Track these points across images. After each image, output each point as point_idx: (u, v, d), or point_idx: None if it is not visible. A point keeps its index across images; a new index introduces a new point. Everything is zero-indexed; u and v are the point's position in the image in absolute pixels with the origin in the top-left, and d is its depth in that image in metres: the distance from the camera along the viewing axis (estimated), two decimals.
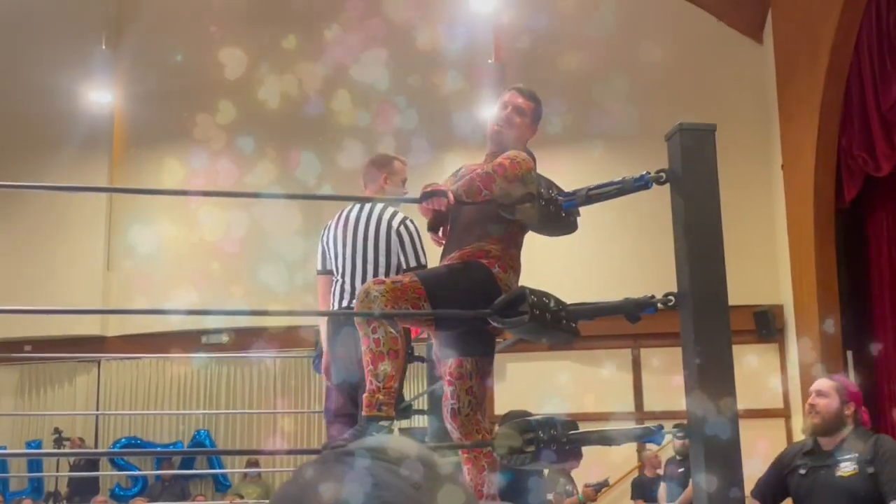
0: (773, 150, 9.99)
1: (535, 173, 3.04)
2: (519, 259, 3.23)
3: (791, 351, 9.76)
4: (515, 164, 3.06)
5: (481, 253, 3.14)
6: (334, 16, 11.50)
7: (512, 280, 3.13)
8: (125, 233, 11.58)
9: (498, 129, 3.38)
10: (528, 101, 3.43)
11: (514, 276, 3.17)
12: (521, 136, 3.39)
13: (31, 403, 11.40)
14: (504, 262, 3.14)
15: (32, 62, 11.64)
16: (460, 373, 3.14)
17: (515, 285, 3.11)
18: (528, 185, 2.81)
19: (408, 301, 2.91)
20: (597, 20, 10.84)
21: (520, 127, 3.38)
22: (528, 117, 3.42)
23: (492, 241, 3.16)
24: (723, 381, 2.38)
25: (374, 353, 2.92)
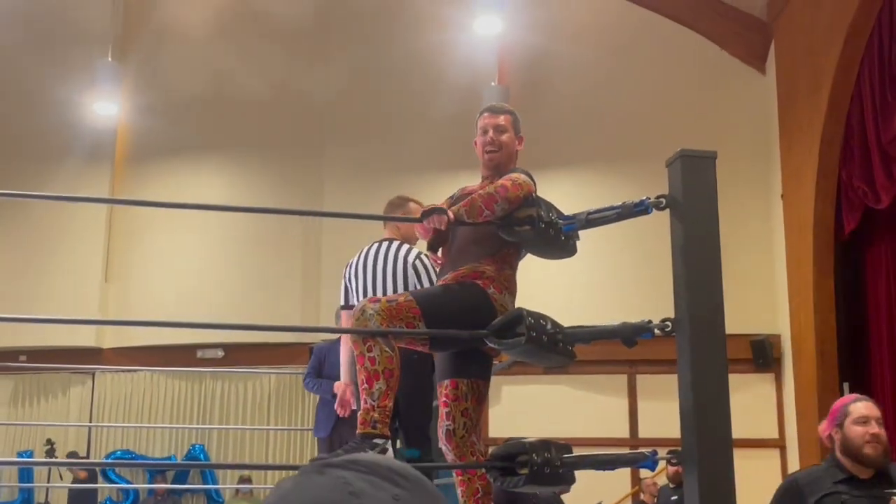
0: (773, 179, 10.01)
1: (535, 195, 3.05)
2: (514, 280, 3.23)
3: (787, 381, 9.74)
4: (517, 186, 3.06)
5: (476, 274, 3.14)
6: (339, 35, 11.56)
7: (507, 301, 3.12)
8: (124, 246, 11.58)
9: (488, 155, 3.40)
10: (504, 116, 3.45)
11: (510, 297, 3.16)
12: (510, 152, 3.41)
13: (25, 413, 11.36)
14: (499, 283, 3.14)
15: (38, 73, 11.68)
16: (456, 394, 3.14)
17: (511, 306, 3.10)
18: (529, 207, 2.81)
19: (403, 320, 2.91)
20: (600, 45, 10.90)
21: (507, 144, 3.40)
22: (511, 131, 3.43)
23: (486, 261, 3.16)
24: (718, 409, 2.38)
25: (368, 372, 2.91)
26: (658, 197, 2.53)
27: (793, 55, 9.48)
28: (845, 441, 3.40)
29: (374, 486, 0.74)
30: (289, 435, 11.03)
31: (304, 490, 0.74)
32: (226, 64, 11.65)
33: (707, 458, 2.35)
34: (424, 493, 0.76)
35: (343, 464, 0.76)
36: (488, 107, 3.54)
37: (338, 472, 0.75)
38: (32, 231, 11.50)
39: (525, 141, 3.50)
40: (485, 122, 3.46)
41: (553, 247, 2.86)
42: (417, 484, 0.76)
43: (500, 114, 3.46)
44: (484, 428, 10.56)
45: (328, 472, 0.75)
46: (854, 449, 3.38)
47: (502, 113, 3.47)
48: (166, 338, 10.64)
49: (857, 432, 3.36)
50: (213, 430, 11.13)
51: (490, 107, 3.53)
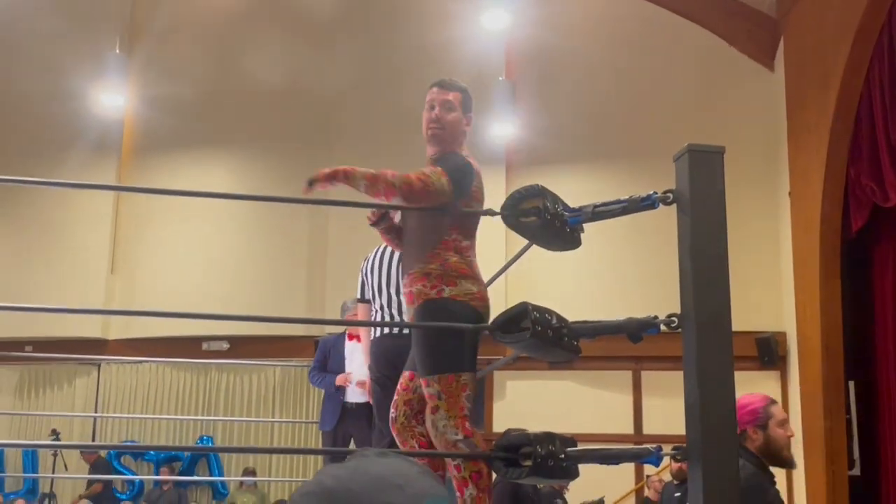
0: (780, 177, 9.98)
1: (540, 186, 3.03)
2: (466, 261, 3.18)
3: (793, 379, 9.72)
4: (425, 190, 3.01)
5: (423, 280, 3.14)
6: (347, 29, 11.55)
7: (465, 286, 3.13)
8: (130, 237, 11.60)
9: (431, 132, 3.30)
10: (454, 93, 3.35)
11: (467, 279, 3.15)
12: (456, 131, 3.32)
13: (30, 404, 11.39)
14: (447, 277, 3.13)
15: (46, 65, 11.69)
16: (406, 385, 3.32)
17: (475, 286, 3.14)
18: (536, 198, 2.80)
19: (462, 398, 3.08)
20: (608, 41, 10.88)
21: (452, 123, 3.31)
22: (458, 110, 3.34)
23: (429, 257, 3.16)
24: (723, 406, 2.37)
25: (458, 480, 3.03)
26: (665, 192, 2.52)
27: (802, 52, 9.45)
28: (769, 443, 3.46)
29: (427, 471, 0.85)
30: (293, 427, 11.04)
31: (373, 466, 0.82)
32: (233, 57, 11.66)
33: (712, 454, 2.34)
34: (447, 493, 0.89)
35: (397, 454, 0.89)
36: (439, 81, 3.41)
37: (398, 456, 0.85)
38: (39, 222, 11.52)
39: (530, 134, 3.51)
40: (432, 96, 3.34)
41: (558, 238, 2.85)
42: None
43: (451, 90, 3.35)
44: (488, 422, 10.57)
45: (390, 455, 0.85)
46: (777, 451, 3.47)
47: (453, 90, 3.36)
48: (172, 329, 10.66)
49: (781, 435, 3.46)
50: (218, 422, 11.15)
51: (440, 81, 3.41)
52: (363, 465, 0.82)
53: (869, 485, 8.77)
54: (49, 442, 10.23)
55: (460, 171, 3.16)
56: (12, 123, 11.83)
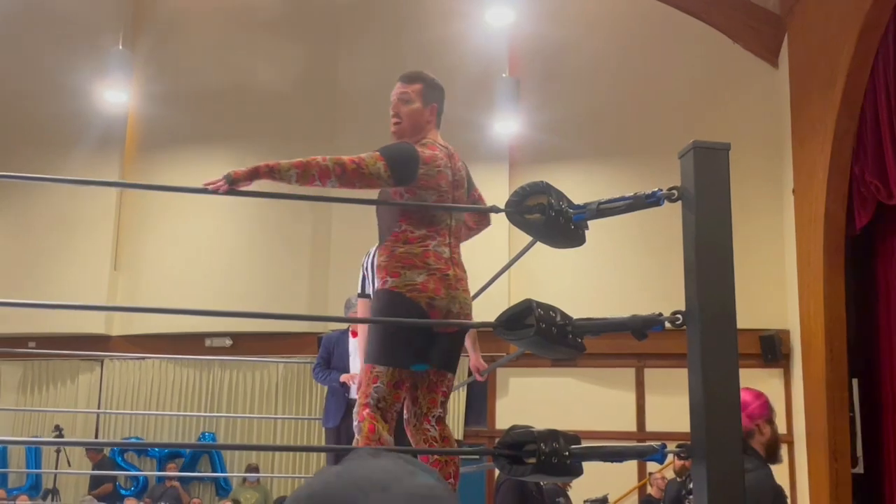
0: (784, 174, 9.97)
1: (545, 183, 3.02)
2: (415, 252, 3.19)
3: (796, 377, 9.71)
4: (358, 172, 3.06)
5: (380, 273, 3.25)
6: (350, 25, 11.54)
7: (408, 277, 3.15)
8: (133, 234, 11.60)
9: (392, 126, 3.37)
10: (413, 86, 3.37)
11: (413, 270, 3.17)
12: (415, 123, 3.34)
13: (33, 400, 11.40)
14: (392, 268, 3.19)
15: (48, 61, 11.70)
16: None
17: (421, 276, 3.15)
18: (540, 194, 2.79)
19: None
20: (612, 37, 10.86)
21: (410, 115, 3.34)
22: (417, 101, 3.35)
23: (382, 249, 3.25)
24: (728, 403, 2.36)
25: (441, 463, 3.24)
26: (670, 189, 2.52)
27: (806, 49, 9.43)
28: (774, 439, 3.37)
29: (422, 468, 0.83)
30: (296, 424, 11.05)
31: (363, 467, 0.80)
32: (236, 53, 11.65)
33: (716, 452, 2.33)
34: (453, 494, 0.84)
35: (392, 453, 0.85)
36: (402, 74, 3.46)
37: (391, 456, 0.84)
38: (42, 218, 11.53)
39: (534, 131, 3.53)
40: (394, 91, 3.40)
41: (563, 235, 2.84)
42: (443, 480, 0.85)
43: (411, 83, 3.38)
44: (491, 419, 10.58)
45: (382, 456, 0.83)
46: (776, 448, 3.38)
47: (413, 82, 3.39)
48: (175, 326, 10.67)
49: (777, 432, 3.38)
50: (221, 419, 11.16)
51: (403, 75, 3.46)
52: (351, 467, 0.80)
53: (872, 483, 8.77)
54: (52, 439, 10.25)
55: (399, 156, 3.16)
56: (16, 120, 11.83)
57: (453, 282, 3.23)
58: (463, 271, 3.33)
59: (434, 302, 3.17)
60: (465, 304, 3.27)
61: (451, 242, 3.27)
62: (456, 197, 3.28)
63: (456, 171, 3.31)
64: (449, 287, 3.21)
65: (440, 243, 3.22)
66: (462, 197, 3.32)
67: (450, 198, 3.25)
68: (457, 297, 3.23)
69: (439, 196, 3.21)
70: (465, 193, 3.34)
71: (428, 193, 3.20)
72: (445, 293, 3.19)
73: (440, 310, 3.17)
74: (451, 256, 3.26)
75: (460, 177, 3.33)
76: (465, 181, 3.35)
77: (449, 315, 3.19)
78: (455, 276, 3.25)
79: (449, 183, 3.26)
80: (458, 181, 3.31)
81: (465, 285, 3.31)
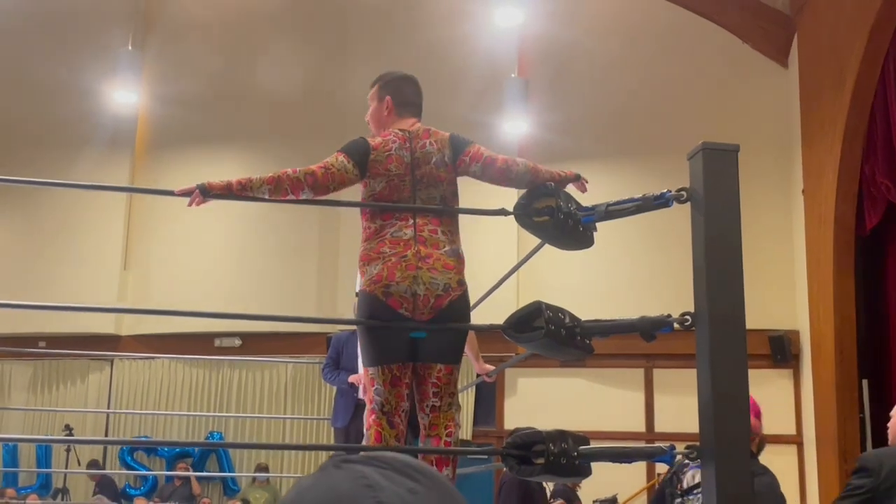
0: (794, 174, 9.94)
1: (553, 186, 3.02)
2: (371, 244, 3.25)
3: (806, 377, 9.68)
4: (328, 174, 3.17)
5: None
6: (359, 27, 11.55)
7: (369, 273, 3.21)
8: (143, 234, 11.64)
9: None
10: (370, 91, 3.55)
11: (371, 264, 3.22)
12: (377, 122, 3.49)
13: (44, 399, 11.45)
14: (359, 268, 3.27)
15: (58, 61, 11.74)
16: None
17: (377, 266, 3.18)
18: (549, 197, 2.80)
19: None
20: (621, 38, 10.85)
21: (371, 117, 3.52)
22: (374, 101, 3.52)
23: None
24: (736, 404, 2.36)
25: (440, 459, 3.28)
26: (679, 190, 2.52)
27: (816, 49, 9.40)
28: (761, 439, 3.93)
29: (390, 479, 0.76)
30: (305, 424, 11.07)
31: (322, 484, 0.77)
32: (246, 53, 11.68)
33: (725, 453, 2.33)
34: (440, 488, 0.78)
35: (361, 459, 0.79)
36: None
37: (355, 467, 0.77)
38: (52, 218, 11.57)
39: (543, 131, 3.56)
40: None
41: (571, 238, 2.85)
42: (433, 479, 0.79)
43: (370, 89, 3.57)
44: (499, 420, 10.58)
45: (346, 467, 0.78)
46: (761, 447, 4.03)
47: (371, 87, 3.57)
48: (184, 326, 10.69)
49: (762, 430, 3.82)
50: (230, 419, 11.19)
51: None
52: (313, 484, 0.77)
53: None
54: (62, 437, 10.29)
55: (354, 147, 3.31)
56: (27, 120, 11.88)
57: (413, 261, 3.16)
58: (435, 247, 3.20)
59: (389, 288, 3.15)
60: (432, 284, 3.16)
61: (417, 222, 3.22)
62: (418, 175, 3.28)
63: (417, 150, 3.30)
64: (406, 267, 3.15)
65: (400, 227, 3.22)
66: (429, 173, 3.27)
67: (408, 179, 3.27)
68: (419, 277, 3.15)
69: (389, 180, 3.26)
70: (435, 168, 3.28)
71: (377, 181, 3.27)
72: (401, 275, 3.15)
73: (398, 295, 3.14)
74: (417, 235, 3.20)
75: (424, 153, 3.29)
76: (432, 156, 3.28)
77: (416, 298, 3.15)
78: (416, 254, 3.17)
79: (404, 164, 3.28)
80: (419, 159, 3.28)
81: (432, 262, 3.18)
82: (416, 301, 3.15)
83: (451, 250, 3.24)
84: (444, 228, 3.26)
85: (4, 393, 11.61)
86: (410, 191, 3.26)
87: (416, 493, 0.76)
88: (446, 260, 3.21)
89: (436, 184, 3.28)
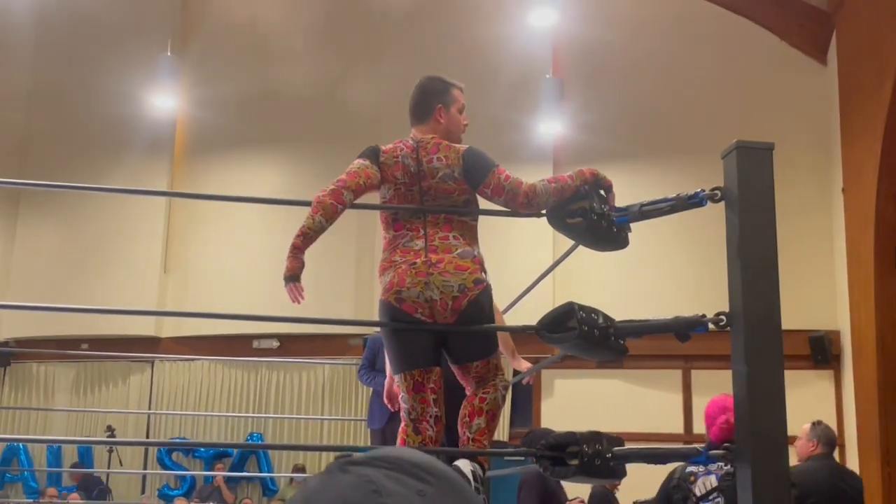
0: (833, 173, 9.81)
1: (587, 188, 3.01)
2: (386, 254, 3.32)
3: (847, 379, 9.55)
4: (353, 174, 3.25)
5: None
6: (394, 30, 11.59)
7: (384, 282, 3.25)
8: (182, 238, 11.77)
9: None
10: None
11: (385, 273, 3.27)
12: (448, 133, 3.43)
13: (86, 400, 11.61)
14: (379, 276, 3.31)
15: (98, 67, 11.91)
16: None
17: (389, 275, 3.23)
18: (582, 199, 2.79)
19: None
20: (656, 36, 10.78)
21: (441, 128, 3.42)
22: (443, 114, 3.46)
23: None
24: (773, 406, 2.34)
25: (474, 408, 3.19)
26: (713, 189, 2.50)
27: (855, 46, 9.27)
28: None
29: (398, 482, 0.74)
30: (343, 425, 11.12)
31: (327, 489, 0.74)
32: (282, 59, 11.76)
33: (761, 455, 2.31)
34: (450, 488, 0.76)
35: (367, 461, 0.76)
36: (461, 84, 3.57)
37: (361, 470, 0.75)
38: (94, 223, 11.74)
39: (578, 131, 3.58)
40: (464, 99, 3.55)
41: (605, 239, 2.84)
42: (443, 479, 0.76)
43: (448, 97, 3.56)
44: (536, 421, 10.55)
45: (352, 470, 0.75)
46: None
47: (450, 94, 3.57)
48: (223, 328, 10.80)
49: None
50: (269, 420, 11.27)
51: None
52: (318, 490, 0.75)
53: None
54: (104, 438, 10.44)
55: (365, 150, 3.42)
56: (68, 126, 12.07)
57: (423, 268, 3.18)
58: (446, 252, 3.20)
59: (401, 294, 3.18)
60: (445, 287, 3.15)
61: (428, 232, 3.24)
62: (423, 187, 3.29)
63: (424, 163, 3.31)
64: (416, 274, 3.17)
65: (411, 238, 3.25)
66: (433, 186, 3.28)
67: (416, 189, 3.29)
68: (431, 283, 3.15)
69: (396, 188, 3.32)
70: (441, 182, 3.27)
71: (386, 188, 3.34)
72: (412, 281, 3.17)
73: (410, 300, 3.17)
74: (428, 245, 3.21)
75: (430, 168, 3.29)
76: (438, 171, 3.28)
77: (432, 303, 3.16)
78: (427, 261, 3.19)
79: (410, 174, 3.30)
80: (425, 172, 3.29)
81: (444, 266, 3.17)
82: (433, 306, 3.16)
83: (464, 252, 3.22)
84: (456, 234, 3.24)
85: (49, 394, 11.80)
86: (419, 201, 3.29)
87: (424, 495, 0.73)
88: (459, 262, 3.20)
89: (445, 196, 3.27)
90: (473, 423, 3.21)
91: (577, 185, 3.01)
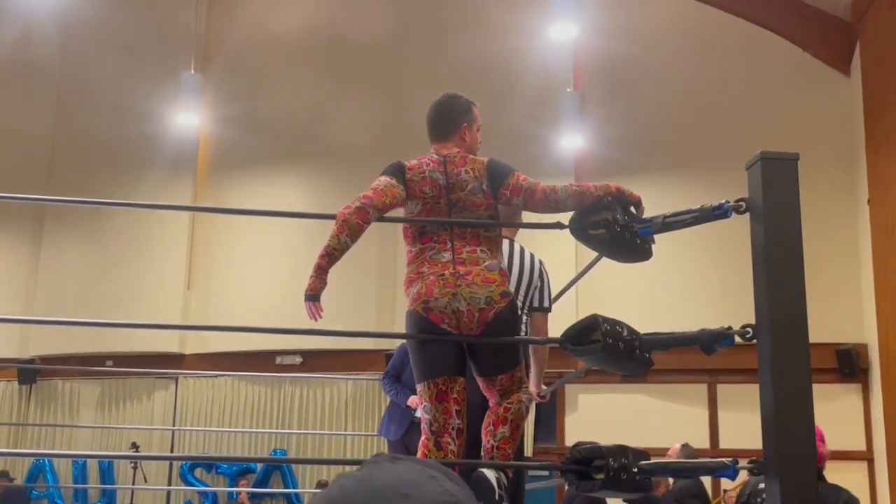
0: (859, 184, 9.73)
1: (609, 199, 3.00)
2: (412, 266, 3.34)
3: (875, 392, 9.43)
4: (379, 192, 3.26)
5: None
6: (414, 44, 11.64)
7: (411, 293, 3.28)
8: (206, 254, 11.83)
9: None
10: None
11: (413, 285, 3.30)
12: (470, 150, 3.49)
13: (111, 417, 11.68)
14: (405, 288, 3.34)
15: (123, 85, 12.03)
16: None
17: (416, 286, 3.25)
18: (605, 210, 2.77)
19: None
20: (677, 49, 10.75)
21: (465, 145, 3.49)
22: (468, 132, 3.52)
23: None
24: (801, 419, 2.31)
25: (498, 417, 3.18)
26: (738, 200, 2.48)
27: (879, 56, 9.20)
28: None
29: (445, 474, 0.81)
30: (366, 440, 11.10)
31: (383, 473, 0.79)
32: (304, 77, 11.83)
33: (789, 469, 2.28)
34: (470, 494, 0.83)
35: (410, 458, 0.82)
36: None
37: (410, 462, 0.82)
38: (119, 239, 11.83)
39: (599, 145, 3.58)
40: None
41: (629, 250, 2.82)
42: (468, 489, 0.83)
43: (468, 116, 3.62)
44: (560, 436, 10.49)
45: (401, 461, 0.81)
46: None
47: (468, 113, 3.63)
48: (246, 344, 10.83)
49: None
50: (293, 435, 11.28)
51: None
52: (372, 473, 0.79)
53: None
54: (127, 453, 10.49)
55: (389, 166, 3.44)
56: (93, 143, 12.19)
57: (451, 279, 3.20)
58: (474, 264, 3.22)
59: (429, 304, 3.20)
60: (473, 298, 3.16)
61: (455, 245, 3.26)
62: (452, 199, 3.32)
63: (452, 175, 3.34)
64: (444, 285, 3.19)
65: (438, 250, 3.27)
66: (461, 199, 3.31)
67: (443, 202, 3.31)
68: (459, 294, 3.17)
69: (424, 203, 3.32)
70: (471, 195, 3.31)
71: (414, 203, 3.35)
72: (439, 291, 3.18)
73: (438, 310, 3.18)
74: (455, 257, 3.25)
75: (459, 180, 3.33)
76: (468, 183, 3.32)
77: (459, 314, 3.16)
78: (455, 273, 3.20)
79: (438, 187, 3.33)
80: (454, 184, 3.32)
81: (472, 278, 3.19)
82: (460, 317, 3.17)
83: (492, 264, 3.25)
84: (484, 248, 3.27)
85: (74, 411, 11.88)
86: (447, 214, 3.31)
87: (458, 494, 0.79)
88: (487, 274, 3.22)
89: (472, 209, 3.30)
90: (498, 431, 3.21)
91: (600, 195, 3.00)
